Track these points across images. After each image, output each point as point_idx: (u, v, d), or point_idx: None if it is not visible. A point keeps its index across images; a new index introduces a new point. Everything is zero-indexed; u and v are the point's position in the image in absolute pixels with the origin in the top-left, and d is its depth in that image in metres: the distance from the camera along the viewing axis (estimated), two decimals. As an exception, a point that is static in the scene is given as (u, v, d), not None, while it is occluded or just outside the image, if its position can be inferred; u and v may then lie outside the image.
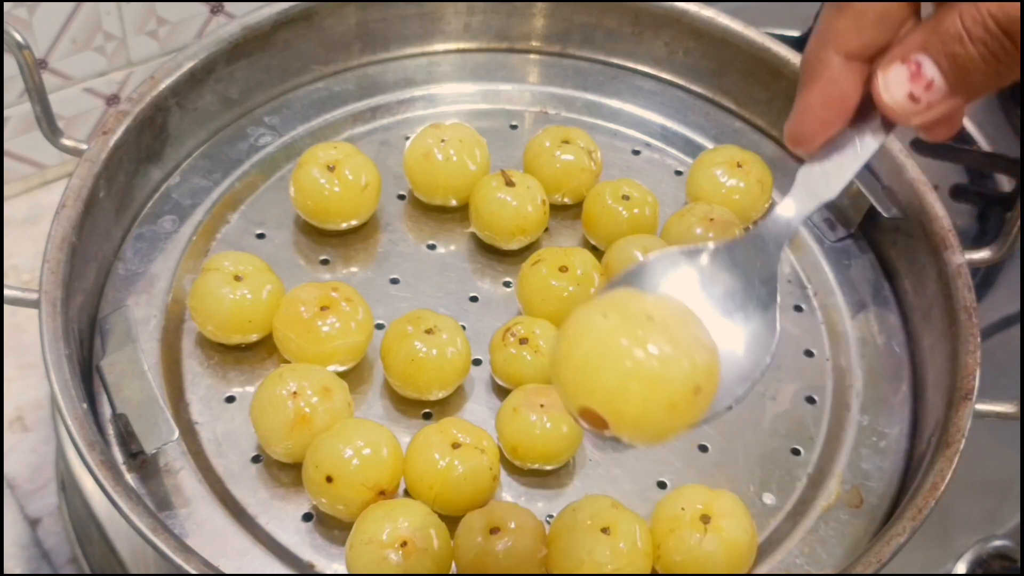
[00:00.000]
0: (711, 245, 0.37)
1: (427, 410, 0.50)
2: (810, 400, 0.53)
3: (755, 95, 0.64)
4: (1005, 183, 0.76)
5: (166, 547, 0.40)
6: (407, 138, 0.61)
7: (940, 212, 0.55)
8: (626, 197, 0.55)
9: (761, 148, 0.62)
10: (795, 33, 0.80)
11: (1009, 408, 0.49)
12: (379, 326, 0.52)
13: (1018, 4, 0.29)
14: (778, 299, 0.36)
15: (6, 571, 0.56)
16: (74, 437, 0.43)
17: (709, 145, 0.63)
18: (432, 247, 0.57)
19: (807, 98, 0.34)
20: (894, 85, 0.30)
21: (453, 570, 0.44)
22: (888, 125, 0.34)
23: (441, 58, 0.66)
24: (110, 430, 0.47)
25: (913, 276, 0.56)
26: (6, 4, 0.63)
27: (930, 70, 0.30)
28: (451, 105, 0.64)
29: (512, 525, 0.43)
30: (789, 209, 0.37)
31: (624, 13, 0.65)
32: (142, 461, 0.47)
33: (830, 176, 0.36)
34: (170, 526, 0.44)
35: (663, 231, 0.56)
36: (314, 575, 0.45)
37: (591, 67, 0.67)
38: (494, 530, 0.43)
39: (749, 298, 0.36)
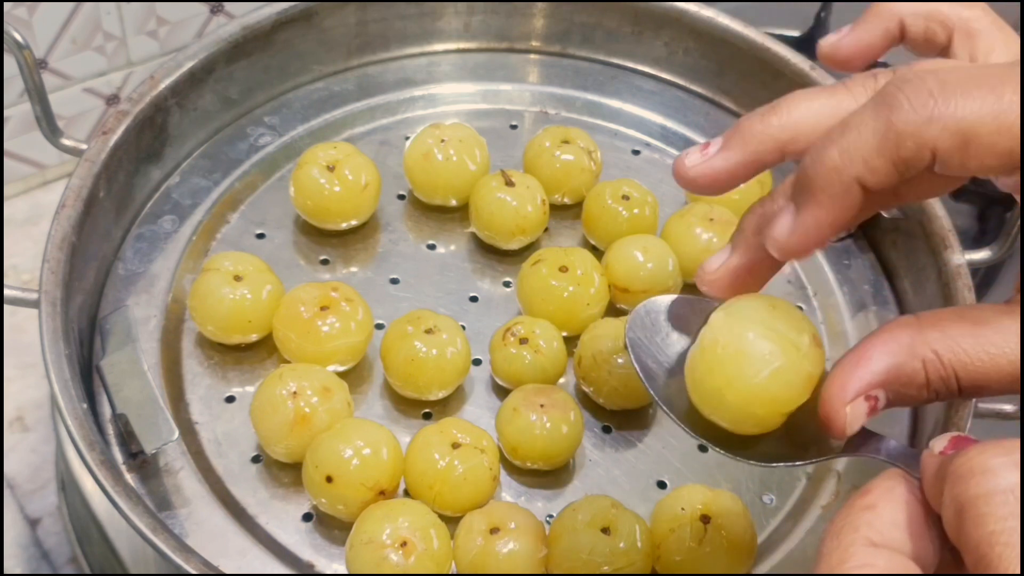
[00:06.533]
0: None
1: (427, 410, 0.50)
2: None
3: (755, 95, 0.64)
4: (1005, 183, 0.75)
5: (166, 547, 0.40)
6: (407, 138, 0.61)
7: (940, 212, 0.54)
8: (626, 197, 0.55)
9: (761, 148, 0.62)
10: (795, 33, 0.80)
11: (1009, 407, 0.49)
12: (379, 326, 0.52)
13: (985, 364, 0.31)
14: None
15: (6, 571, 0.56)
16: (74, 437, 0.43)
17: (709, 145, 0.63)
18: (432, 247, 0.57)
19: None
20: (857, 417, 0.33)
21: (453, 570, 0.44)
22: None
23: (441, 58, 0.66)
24: (110, 430, 0.47)
25: (913, 276, 0.56)
26: (6, 4, 0.63)
27: (883, 402, 0.33)
28: (451, 105, 0.64)
29: (512, 525, 0.43)
30: None
31: (624, 13, 0.65)
32: (142, 461, 0.47)
33: None
34: (170, 526, 0.44)
35: (663, 231, 0.56)
36: (314, 575, 0.45)
37: (591, 67, 0.67)
38: (494, 530, 0.43)
39: None
